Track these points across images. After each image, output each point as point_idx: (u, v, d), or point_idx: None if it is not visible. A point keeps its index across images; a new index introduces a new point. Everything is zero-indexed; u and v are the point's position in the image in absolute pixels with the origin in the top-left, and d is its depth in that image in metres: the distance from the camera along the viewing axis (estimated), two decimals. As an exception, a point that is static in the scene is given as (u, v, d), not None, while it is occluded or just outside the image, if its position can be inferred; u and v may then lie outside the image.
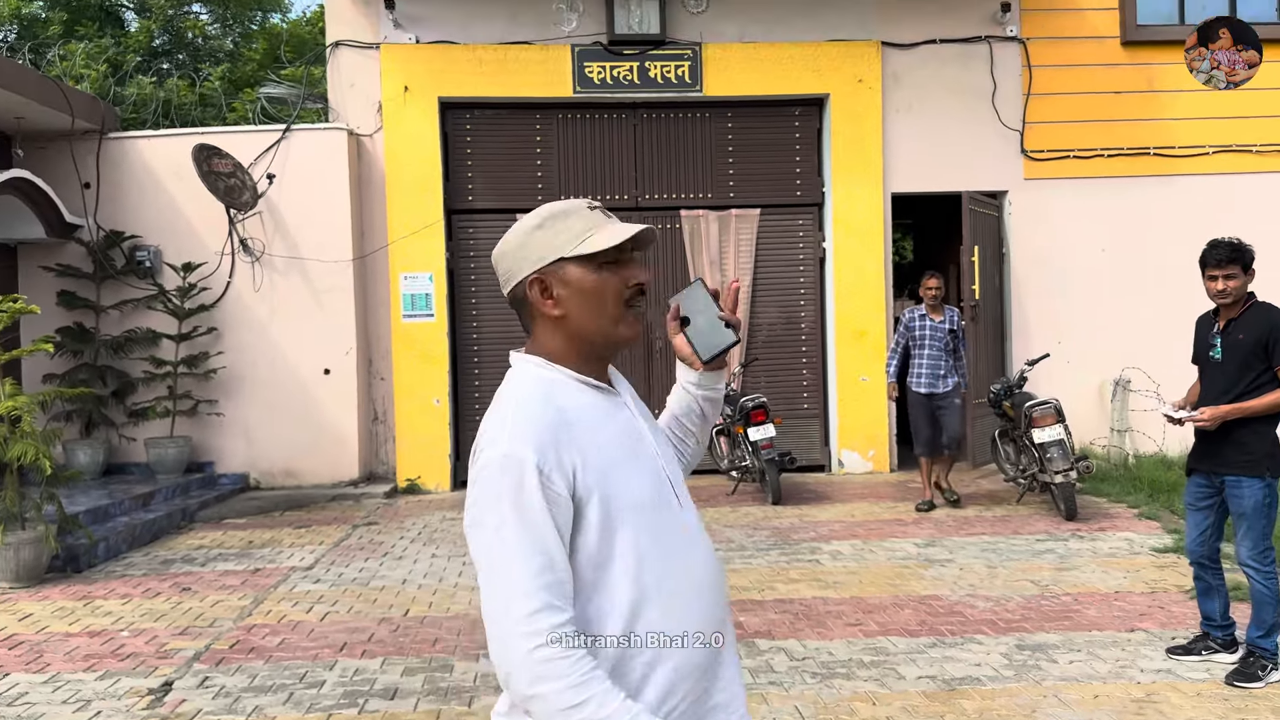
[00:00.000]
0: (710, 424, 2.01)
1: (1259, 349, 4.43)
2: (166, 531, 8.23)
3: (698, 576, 1.71)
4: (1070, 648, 4.97)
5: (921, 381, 8.25)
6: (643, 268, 1.76)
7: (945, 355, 8.26)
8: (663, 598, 1.65)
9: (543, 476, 1.57)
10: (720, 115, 10.46)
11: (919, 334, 8.29)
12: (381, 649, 5.19)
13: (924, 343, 8.26)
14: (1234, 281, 4.49)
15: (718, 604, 1.74)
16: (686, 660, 1.66)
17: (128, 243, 9.77)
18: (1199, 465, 4.71)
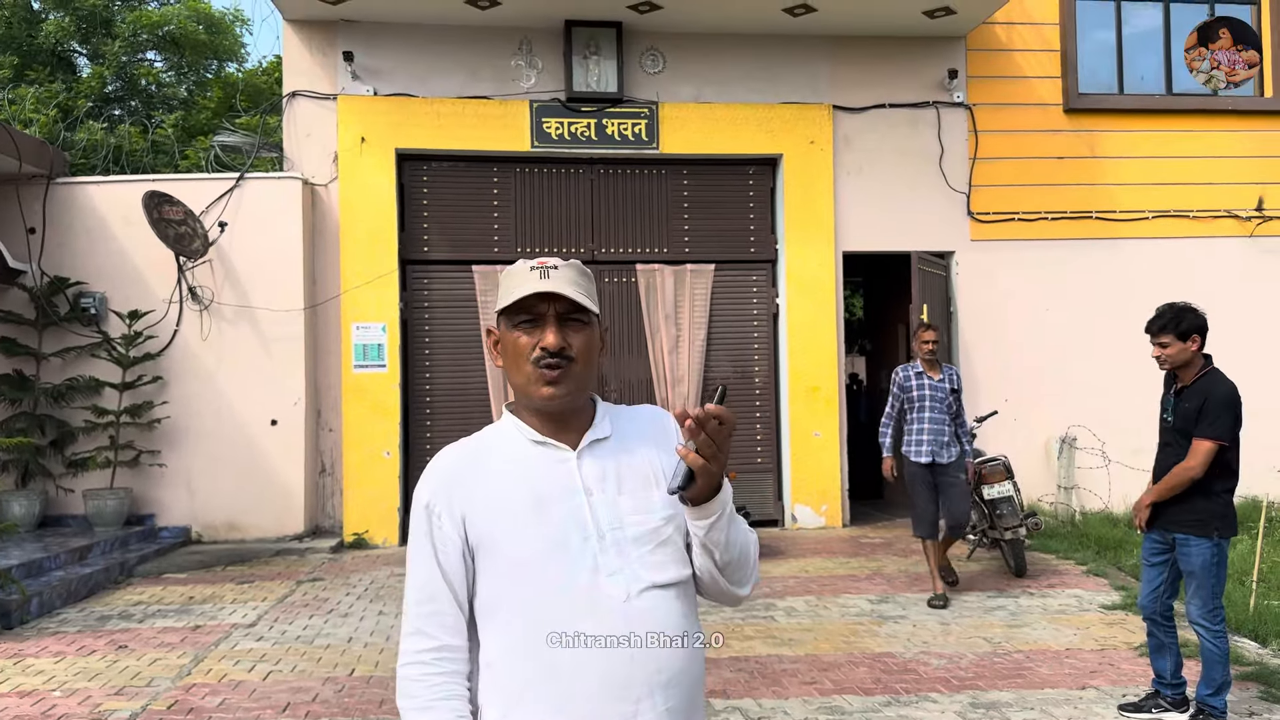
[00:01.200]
0: (716, 559, 1.76)
1: (1195, 419, 4.53)
2: (104, 586, 7.96)
3: (589, 656, 1.66)
4: (1023, 706, 4.98)
5: (922, 450, 7.03)
6: (557, 332, 1.75)
7: (948, 419, 7.09)
8: (539, 662, 1.66)
9: (433, 518, 1.75)
10: (676, 172, 10.60)
11: (916, 395, 7.12)
12: (326, 709, 5.04)
13: (923, 405, 7.09)
14: (1169, 349, 4.61)
15: (622, 693, 1.65)
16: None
17: (73, 289, 9.58)
18: (1153, 522, 4.77)
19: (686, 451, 1.62)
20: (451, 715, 1.66)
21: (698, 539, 1.74)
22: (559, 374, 1.75)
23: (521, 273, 1.79)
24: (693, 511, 1.71)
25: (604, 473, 1.78)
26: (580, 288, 1.79)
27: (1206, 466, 4.48)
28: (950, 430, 7.12)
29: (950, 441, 7.11)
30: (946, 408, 7.09)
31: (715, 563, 1.76)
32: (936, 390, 7.10)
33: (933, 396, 7.10)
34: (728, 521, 1.74)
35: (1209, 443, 4.48)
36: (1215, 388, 4.55)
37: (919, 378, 7.17)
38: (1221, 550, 4.53)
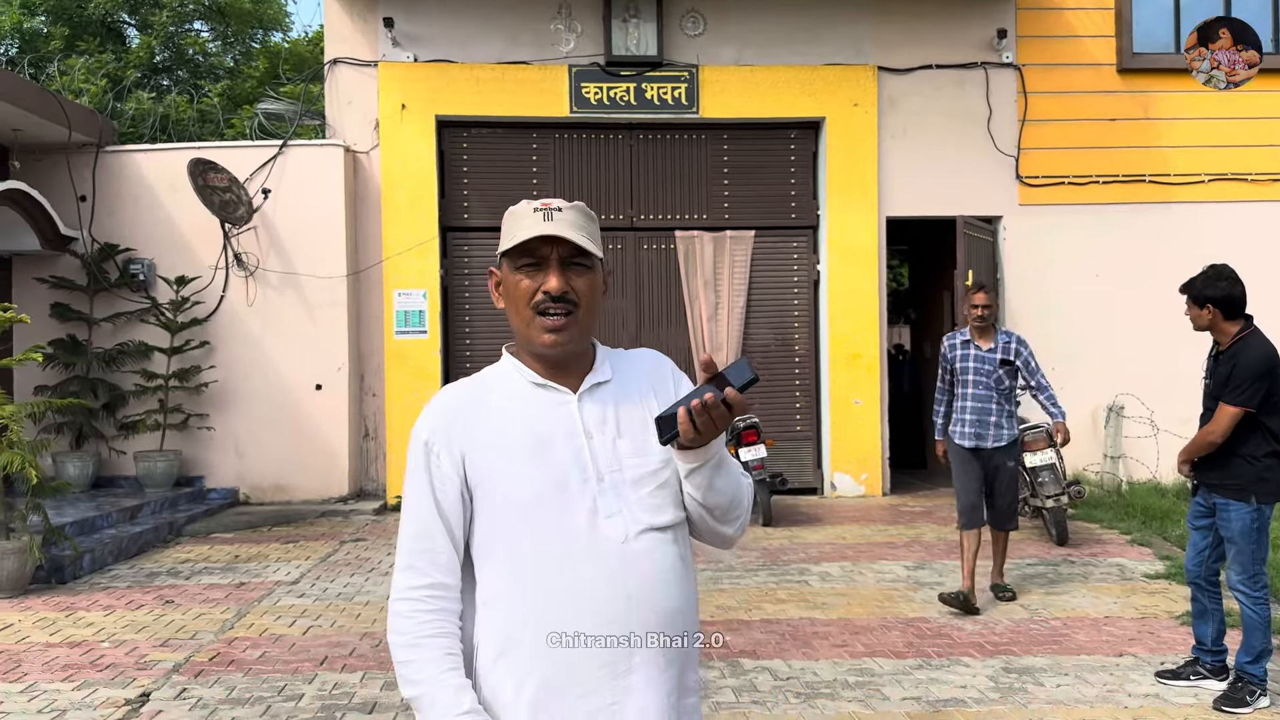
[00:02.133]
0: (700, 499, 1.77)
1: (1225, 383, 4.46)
2: (153, 545, 8.17)
3: (586, 595, 1.67)
4: (1058, 671, 4.92)
5: (966, 431, 6.11)
6: (560, 276, 1.73)
7: (996, 396, 6.09)
8: (535, 602, 1.67)
9: (431, 455, 1.75)
10: (716, 137, 10.50)
11: (959, 366, 6.20)
12: (362, 663, 5.14)
13: (965, 378, 6.16)
14: (1187, 312, 4.61)
15: (616, 631, 1.67)
16: (559, 675, 1.65)
17: (122, 256, 9.77)
18: (1197, 483, 4.70)
19: (685, 418, 1.62)
20: (440, 653, 1.66)
21: (683, 476, 1.76)
22: (562, 320, 1.74)
23: (525, 214, 1.76)
24: (680, 454, 1.72)
25: (604, 416, 1.78)
26: (584, 231, 1.76)
27: (1227, 433, 4.41)
28: (1000, 409, 6.09)
29: (1001, 422, 6.08)
30: (995, 382, 6.06)
31: (699, 501, 1.77)
32: (984, 362, 6.11)
33: (978, 369, 6.11)
34: (713, 469, 1.74)
35: (1231, 409, 4.40)
36: (1245, 353, 4.45)
37: (965, 347, 6.22)
38: (1262, 516, 4.43)
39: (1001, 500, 6.18)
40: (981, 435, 6.09)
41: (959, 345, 6.26)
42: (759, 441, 8.63)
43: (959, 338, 6.30)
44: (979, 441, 6.09)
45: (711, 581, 6.76)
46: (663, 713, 1.69)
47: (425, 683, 1.64)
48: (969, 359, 6.18)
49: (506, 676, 1.67)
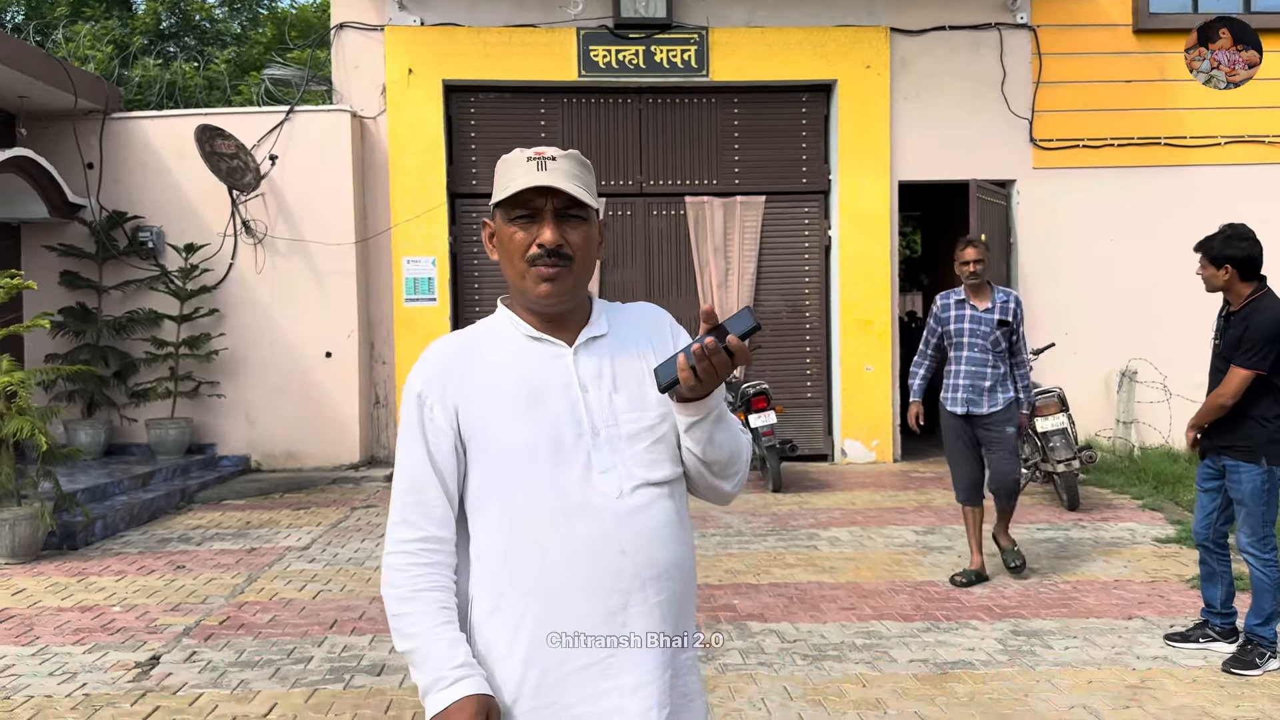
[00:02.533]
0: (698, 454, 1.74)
1: (1236, 345, 4.40)
2: (165, 511, 8.22)
3: (581, 550, 1.65)
4: (1066, 634, 4.90)
5: (957, 397, 5.71)
6: (555, 229, 1.69)
7: (992, 359, 5.67)
8: (529, 556, 1.65)
9: (424, 406, 1.73)
10: (726, 101, 10.38)
11: (954, 327, 5.76)
12: (372, 626, 5.16)
13: (960, 340, 5.72)
14: (1203, 271, 4.52)
15: (612, 585, 1.65)
16: (550, 631, 1.63)
17: (130, 223, 9.76)
18: (1206, 447, 4.65)
19: (685, 365, 1.58)
20: (434, 606, 1.64)
21: (682, 431, 1.72)
22: (557, 273, 1.70)
23: (518, 163, 1.72)
24: (678, 408, 1.69)
25: (600, 370, 1.75)
26: (580, 181, 1.72)
27: (1238, 396, 4.35)
28: (995, 373, 5.66)
29: (995, 387, 5.65)
30: (992, 344, 5.65)
31: (698, 457, 1.74)
32: (979, 322, 5.68)
33: (974, 330, 5.68)
34: (713, 423, 1.70)
35: (1243, 371, 4.34)
36: (1258, 315, 4.37)
37: (959, 307, 5.76)
38: (1273, 478, 4.38)
39: (999, 473, 5.71)
40: (974, 401, 5.65)
41: (953, 305, 5.79)
42: (769, 408, 8.60)
43: (953, 297, 5.81)
44: (971, 408, 5.65)
45: (720, 546, 6.76)
46: (657, 667, 1.67)
47: (419, 636, 1.62)
48: (964, 319, 5.73)
49: (501, 629, 1.66)
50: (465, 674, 1.58)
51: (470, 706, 1.54)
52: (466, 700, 1.55)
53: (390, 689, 4.29)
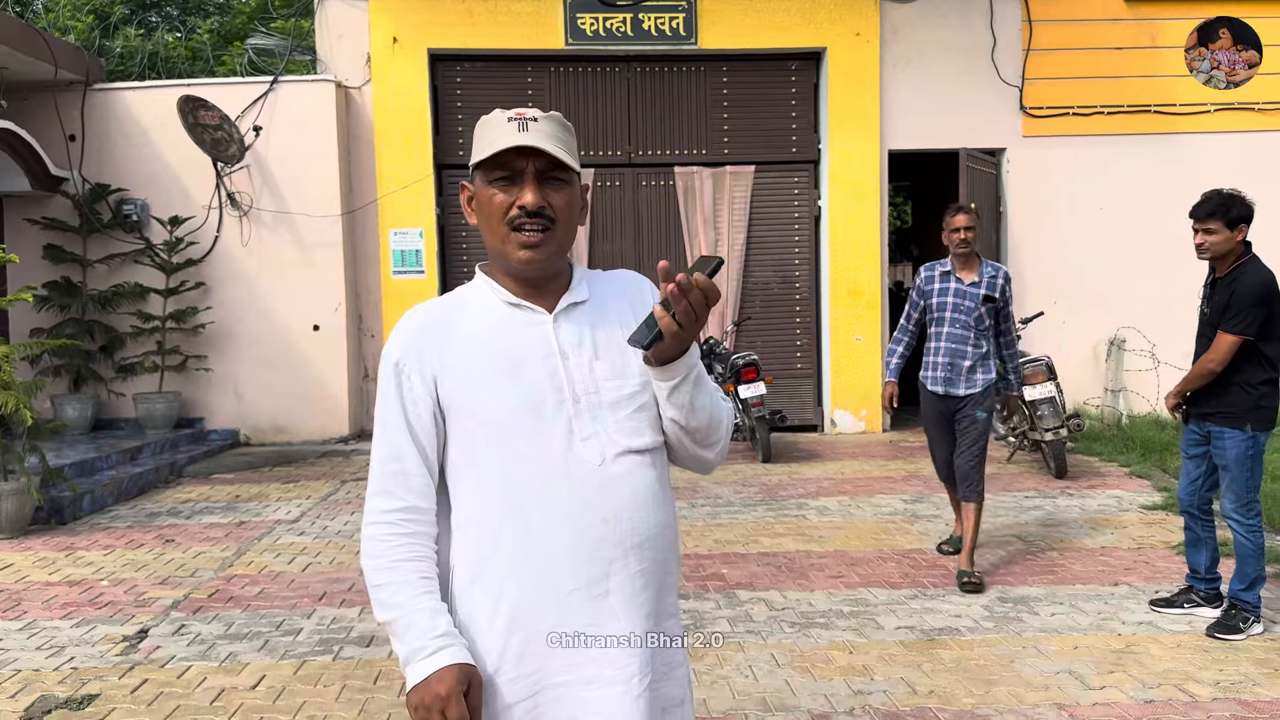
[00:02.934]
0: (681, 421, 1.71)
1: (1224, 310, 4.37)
2: (154, 485, 8.19)
3: (562, 518, 1.63)
4: (1052, 601, 4.93)
5: (936, 375, 5.31)
6: (536, 191, 1.65)
7: (974, 337, 5.25)
8: (510, 525, 1.63)
9: (402, 375, 1.69)
10: (715, 69, 10.30)
11: (937, 301, 5.34)
12: (361, 598, 5.16)
13: (942, 315, 5.31)
14: (1214, 237, 4.38)
15: (593, 554, 1.63)
16: (535, 597, 1.63)
17: (114, 196, 9.67)
18: (1190, 413, 4.66)
19: (663, 313, 1.55)
20: (415, 576, 1.63)
21: (662, 398, 1.70)
22: (538, 236, 1.67)
23: (498, 123, 1.68)
24: (657, 372, 1.66)
25: (580, 337, 1.73)
26: (561, 142, 1.68)
27: (1226, 361, 4.34)
28: (977, 352, 5.24)
29: (976, 366, 5.24)
30: (975, 321, 5.24)
31: (680, 425, 1.72)
32: (964, 296, 5.26)
33: (957, 305, 5.26)
34: (693, 385, 1.68)
35: (1230, 337, 4.32)
36: (1244, 279, 4.34)
37: (944, 279, 5.34)
38: (1257, 444, 4.39)
39: (964, 459, 5.24)
40: (952, 381, 5.26)
41: (938, 277, 5.37)
42: (758, 379, 8.60)
43: (939, 269, 5.39)
44: (949, 387, 5.27)
45: (710, 516, 6.77)
46: (640, 635, 1.67)
47: (400, 606, 1.61)
48: (948, 293, 5.31)
49: (482, 598, 1.65)
50: (446, 643, 1.57)
51: (451, 676, 1.53)
52: (448, 670, 1.54)
53: (379, 660, 4.30)
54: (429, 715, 1.52)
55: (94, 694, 3.98)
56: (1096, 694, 3.85)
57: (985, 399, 5.27)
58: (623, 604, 1.66)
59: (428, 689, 1.53)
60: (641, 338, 1.58)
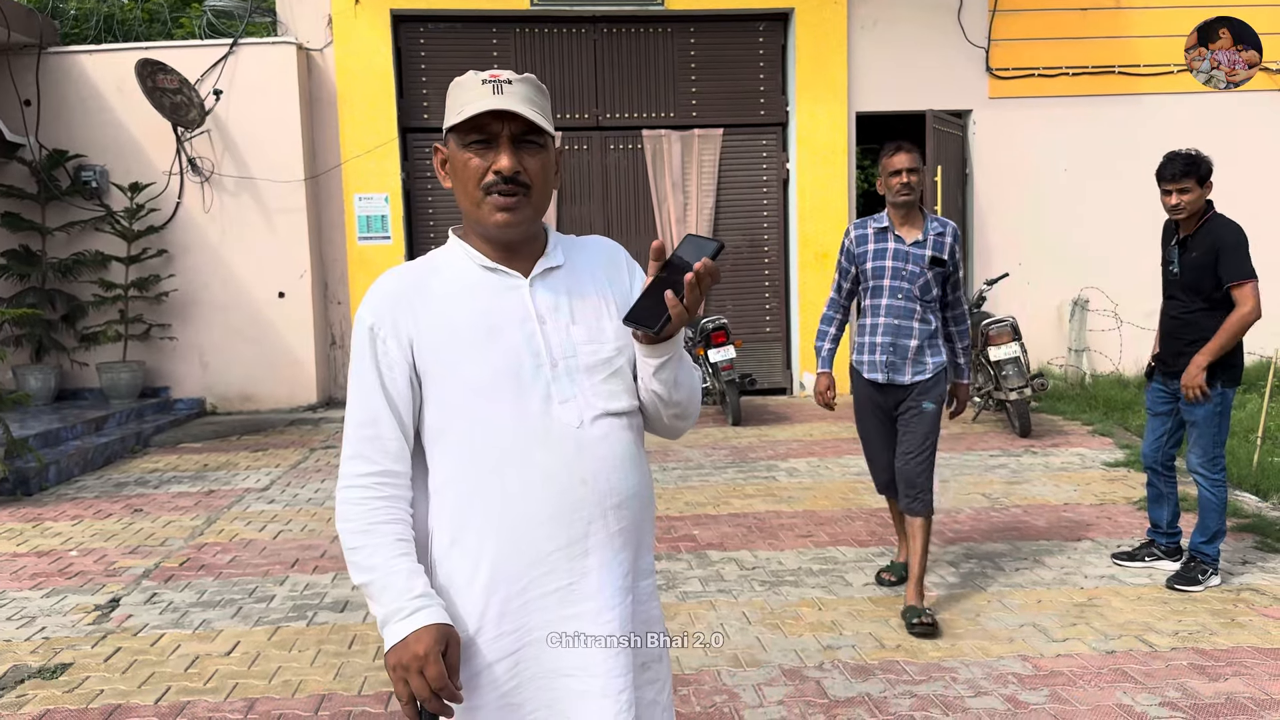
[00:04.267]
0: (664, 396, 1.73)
1: (1209, 266, 4.40)
2: (120, 455, 8.12)
3: (541, 480, 1.65)
4: (1017, 556, 5.04)
5: (874, 360, 4.28)
6: (512, 155, 1.65)
7: (921, 309, 4.22)
8: (488, 487, 1.65)
9: (376, 339, 1.69)
10: (683, 31, 10.23)
11: (872, 266, 4.26)
12: (334, 564, 5.17)
13: (881, 283, 4.24)
14: (1187, 195, 4.42)
15: (572, 514, 1.65)
16: (514, 558, 1.65)
17: (72, 162, 9.48)
18: (1158, 368, 4.71)
19: (674, 299, 1.56)
20: (390, 539, 1.63)
21: (649, 374, 1.71)
22: (513, 200, 1.67)
23: (472, 85, 1.67)
24: (648, 350, 1.67)
25: (556, 302, 1.73)
26: (536, 105, 1.67)
27: (1259, 307, 4.27)
28: (924, 329, 4.23)
29: (924, 347, 4.24)
30: (921, 290, 4.20)
31: (663, 399, 1.74)
32: (906, 259, 4.20)
33: (897, 270, 4.20)
34: (678, 362, 1.72)
35: (1249, 283, 4.30)
36: (1226, 231, 4.39)
37: (880, 238, 4.27)
38: (1225, 400, 4.46)
39: (911, 463, 4.23)
40: (895, 366, 4.25)
41: (872, 236, 4.28)
42: (728, 342, 8.64)
43: (872, 225, 4.31)
44: (892, 374, 4.26)
45: (681, 479, 6.82)
46: (618, 593, 1.69)
47: (377, 569, 1.61)
48: (885, 254, 4.24)
49: (462, 561, 1.66)
50: (424, 604, 1.59)
51: (429, 636, 1.55)
52: (425, 630, 1.56)
53: (354, 625, 4.32)
54: (407, 675, 1.54)
55: (67, 663, 3.97)
56: (1059, 645, 3.94)
57: (935, 386, 4.29)
58: (602, 563, 1.68)
59: (406, 649, 1.55)
60: (651, 321, 1.59)
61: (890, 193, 4.26)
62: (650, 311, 1.59)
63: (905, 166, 4.19)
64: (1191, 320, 4.49)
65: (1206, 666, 3.72)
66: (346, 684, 3.72)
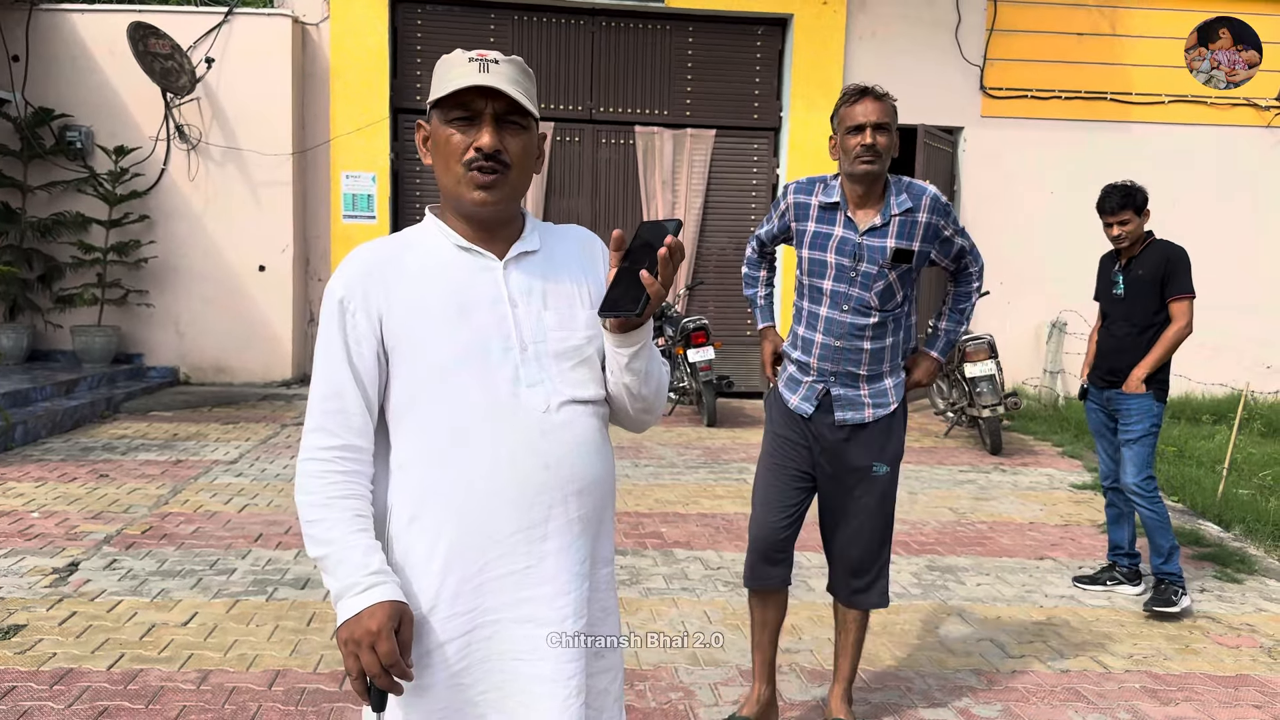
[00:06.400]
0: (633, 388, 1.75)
1: (1156, 284, 4.59)
2: (89, 420, 8.05)
3: (505, 462, 1.65)
4: (979, 571, 5.07)
5: (808, 385, 3.15)
6: (494, 133, 1.65)
7: (878, 321, 3.05)
8: (451, 466, 1.64)
9: (346, 312, 1.67)
10: (681, 29, 10.23)
11: (809, 254, 3.09)
12: (297, 541, 5.13)
13: (821, 282, 3.08)
14: (1128, 226, 4.64)
15: (534, 498, 1.65)
16: (473, 538, 1.64)
17: (58, 121, 9.38)
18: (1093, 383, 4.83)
19: (651, 279, 1.57)
20: (349, 514, 1.62)
21: (620, 366, 1.72)
22: (493, 179, 1.66)
23: (459, 63, 1.67)
24: (620, 339, 1.68)
25: (530, 286, 1.73)
26: (521, 87, 1.67)
27: (1192, 322, 4.54)
28: (879, 347, 3.08)
29: (882, 374, 3.11)
30: (880, 295, 3.02)
31: (632, 391, 1.75)
32: (859, 255, 3.01)
33: (842, 271, 3.02)
34: (649, 350, 1.73)
35: (1187, 300, 4.54)
36: (1173, 250, 4.60)
37: (827, 216, 3.07)
38: (1158, 414, 4.60)
39: (860, 545, 3.18)
40: (843, 401, 3.10)
41: (815, 209, 3.09)
42: (708, 343, 8.65)
43: (819, 195, 3.09)
44: (840, 410, 3.10)
45: (652, 476, 6.83)
46: (575, 578, 1.70)
47: (334, 543, 1.60)
48: (828, 245, 3.04)
49: (419, 539, 1.66)
50: (379, 581, 1.58)
51: (383, 612, 1.55)
52: (379, 606, 1.55)
53: (313, 602, 4.29)
54: (359, 650, 1.54)
55: (20, 624, 3.93)
56: (1015, 662, 3.97)
57: (892, 432, 3.13)
58: (561, 548, 1.68)
59: (359, 624, 1.54)
60: (630, 305, 1.59)
61: (846, 158, 3.00)
62: (625, 296, 1.60)
63: (872, 120, 2.95)
64: (1137, 340, 4.62)
65: (1158, 690, 3.76)
66: (302, 661, 3.70)
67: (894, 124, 3.04)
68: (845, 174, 3.05)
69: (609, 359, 1.74)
